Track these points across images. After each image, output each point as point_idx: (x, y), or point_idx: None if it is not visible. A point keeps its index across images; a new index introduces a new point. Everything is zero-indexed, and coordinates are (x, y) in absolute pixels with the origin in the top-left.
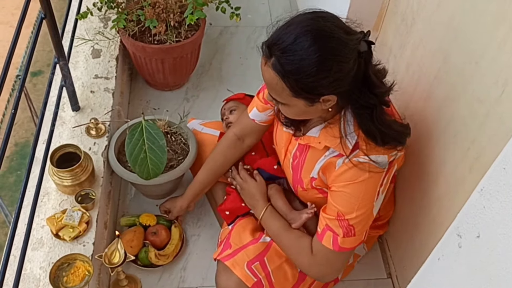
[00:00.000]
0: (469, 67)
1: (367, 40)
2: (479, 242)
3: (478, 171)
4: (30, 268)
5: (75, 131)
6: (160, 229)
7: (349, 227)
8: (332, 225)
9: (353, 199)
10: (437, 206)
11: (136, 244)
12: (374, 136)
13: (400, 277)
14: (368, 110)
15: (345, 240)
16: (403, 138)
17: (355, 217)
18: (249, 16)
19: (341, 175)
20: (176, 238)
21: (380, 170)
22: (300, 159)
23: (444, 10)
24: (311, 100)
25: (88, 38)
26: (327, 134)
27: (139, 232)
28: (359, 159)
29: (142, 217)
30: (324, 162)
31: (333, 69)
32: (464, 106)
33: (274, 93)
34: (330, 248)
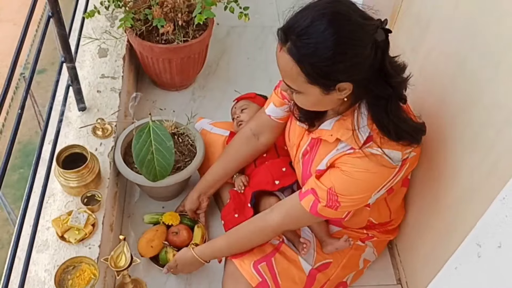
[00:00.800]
0: (487, 71)
1: (385, 28)
2: (500, 253)
3: (495, 178)
4: (35, 271)
5: (82, 131)
6: (182, 229)
7: (336, 202)
8: (320, 192)
9: (354, 186)
10: (449, 212)
11: (156, 244)
12: (387, 129)
13: (410, 283)
14: (383, 101)
15: (325, 209)
16: (418, 135)
17: (347, 200)
18: (257, 16)
19: (352, 159)
20: (198, 239)
21: (392, 166)
22: (311, 154)
23: (462, 12)
24: (326, 87)
25: (95, 37)
26: (340, 126)
27: (161, 231)
28: (372, 150)
29: (165, 216)
30: (334, 156)
31: (349, 53)
32: (482, 111)
33: (289, 80)
34: (307, 210)
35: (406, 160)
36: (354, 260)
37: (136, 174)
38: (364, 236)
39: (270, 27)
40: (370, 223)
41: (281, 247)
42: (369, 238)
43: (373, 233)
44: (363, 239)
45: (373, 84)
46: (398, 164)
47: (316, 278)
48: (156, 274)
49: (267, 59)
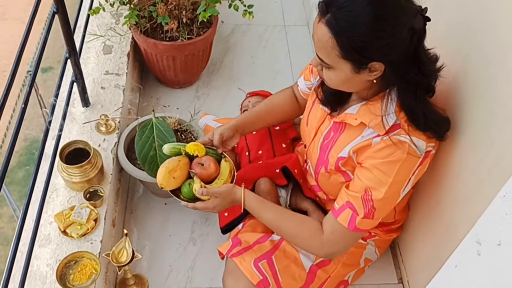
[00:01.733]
0: (490, 68)
1: (424, 15)
2: (500, 250)
3: (497, 175)
4: (37, 265)
5: (85, 127)
6: (209, 161)
7: (372, 209)
8: (355, 203)
9: (385, 177)
10: (452, 211)
11: (179, 175)
12: (417, 117)
13: (411, 282)
14: (413, 87)
15: (363, 222)
16: (442, 129)
17: (382, 199)
18: (261, 15)
19: (378, 152)
20: (226, 174)
21: (417, 155)
22: (332, 139)
23: (464, 10)
24: (358, 65)
25: (99, 34)
26: (366, 111)
27: (184, 162)
28: (400, 138)
29: (189, 146)
30: (359, 143)
31: (387, 31)
32: (484, 108)
33: (322, 53)
34: (345, 226)
35: (428, 154)
36: (355, 258)
37: (139, 170)
38: (366, 234)
39: (274, 26)
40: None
41: (281, 244)
42: (371, 236)
43: (376, 232)
44: (365, 238)
45: (405, 69)
46: (422, 155)
47: (317, 274)
48: (158, 270)
49: (271, 57)
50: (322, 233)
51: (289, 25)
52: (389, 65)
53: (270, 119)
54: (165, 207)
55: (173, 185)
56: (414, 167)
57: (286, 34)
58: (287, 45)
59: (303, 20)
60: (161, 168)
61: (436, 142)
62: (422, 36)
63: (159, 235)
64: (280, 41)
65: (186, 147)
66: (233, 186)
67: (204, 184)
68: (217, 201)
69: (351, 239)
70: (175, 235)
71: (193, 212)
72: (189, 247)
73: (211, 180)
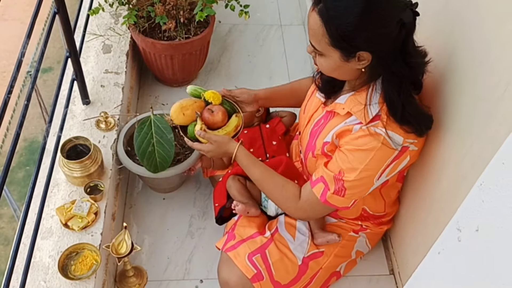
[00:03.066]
0: (474, 65)
1: (413, 10)
2: (478, 236)
3: (479, 168)
4: (39, 256)
5: (85, 124)
6: (219, 110)
7: (342, 188)
8: (328, 179)
9: (357, 163)
10: (439, 204)
11: (189, 114)
12: (395, 108)
13: (402, 274)
14: (397, 79)
15: (333, 197)
16: (422, 124)
17: (352, 180)
18: (258, 14)
19: (355, 140)
20: (231, 127)
21: (392, 147)
22: (321, 125)
23: (451, 9)
24: (347, 53)
25: (99, 33)
26: (353, 101)
27: (198, 104)
28: (376, 130)
29: (208, 92)
30: (341, 128)
31: (374, 23)
32: (468, 104)
33: (314, 40)
34: (317, 197)
35: (406, 150)
36: (347, 250)
37: (138, 165)
38: (358, 227)
39: (271, 25)
40: (365, 213)
41: (274, 238)
42: (362, 229)
43: (367, 225)
44: (356, 231)
45: (392, 60)
46: (398, 149)
47: (309, 266)
48: (156, 262)
49: (268, 56)
50: (298, 198)
51: (286, 25)
52: (376, 55)
53: (292, 100)
54: (164, 202)
55: (181, 121)
56: (388, 159)
57: (283, 33)
58: (283, 45)
59: (299, 20)
60: (176, 103)
61: (417, 138)
62: (411, 29)
63: (157, 229)
64: (277, 40)
65: (205, 92)
66: (229, 139)
67: (206, 128)
68: (211, 147)
69: (321, 209)
70: (173, 229)
71: (191, 207)
72: (186, 240)
73: (215, 128)
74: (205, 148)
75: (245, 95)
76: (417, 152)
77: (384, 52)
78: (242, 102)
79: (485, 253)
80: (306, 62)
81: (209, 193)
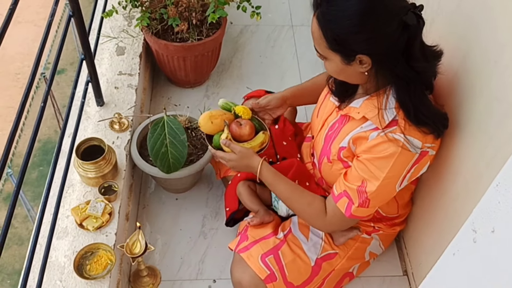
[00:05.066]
0: (488, 66)
1: (416, 13)
2: (494, 237)
3: (494, 168)
4: (55, 256)
5: (100, 125)
6: (248, 125)
7: (366, 200)
8: (351, 193)
9: (379, 172)
10: (454, 204)
11: (217, 123)
12: (408, 110)
13: (416, 275)
14: (405, 83)
15: (358, 210)
16: (438, 123)
17: (375, 191)
18: (269, 15)
19: (373, 147)
20: (257, 142)
21: (412, 152)
22: (336, 130)
23: (464, 10)
24: (346, 57)
25: (113, 36)
26: (368, 105)
27: (227, 116)
28: (395, 136)
29: (239, 107)
30: (358, 133)
31: (369, 26)
32: (483, 104)
33: (316, 44)
34: (343, 212)
35: (426, 155)
36: (360, 252)
37: (151, 166)
38: (370, 229)
39: (282, 26)
40: (378, 215)
41: (287, 239)
42: (375, 231)
43: (380, 226)
44: (369, 232)
45: (393, 64)
46: (417, 153)
47: (322, 267)
48: (170, 262)
49: (279, 57)
50: (325, 214)
51: (297, 25)
52: (375, 58)
53: (318, 94)
54: (176, 202)
55: (209, 129)
56: (408, 163)
57: (294, 34)
58: (295, 45)
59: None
60: (206, 112)
61: (435, 142)
62: (415, 32)
63: (170, 229)
64: (288, 41)
65: (236, 107)
66: (253, 153)
67: (231, 138)
68: (233, 157)
69: (349, 222)
70: (186, 229)
71: (203, 207)
72: (199, 240)
73: (241, 141)
74: (227, 156)
75: (273, 101)
76: (432, 158)
77: (382, 55)
78: (272, 109)
79: (501, 254)
80: (318, 63)
81: (222, 194)
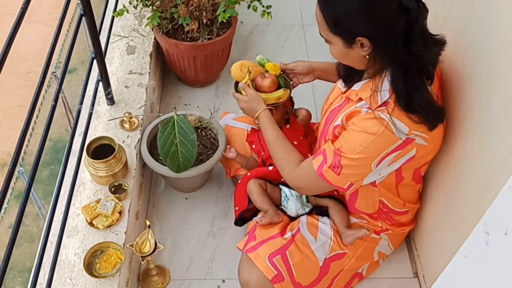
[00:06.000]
0: (501, 65)
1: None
2: (507, 239)
3: (507, 170)
4: (65, 254)
5: (110, 124)
6: (271, 79)
7: (338, 164)
8: (328, 152)
9: (357, 144)
10: (465, 205)
11: (245, 72)
12: (400, 96)
13: (426, 277)
14: (402, 67)
15: (328, 171)
16: (431, 115)
17: (348, 158)
18: (279, 15)
19: (361, 121)
20: (273, 95)
21: (395, 135)
22: (334, 111)
23: (477, 9)
24: (347, 40)
25: (123, 35)
26: (366, 87)
27: (257, 69)
28: (381, 114)
29: (269, 64)
30: (351, 110)
31: (365, 9)
32: (496, 104)
33: (320, 28)
34: (314, 168)
35: (412, 142)
36: (369, 252)
37: (161, 165)
38: (378, 229)
39: (293, 26)
40: (384, 207)
41: (295, 239)
42: (383, 231)
43: (386, 226)
44: (377, 232)
45: (391, 47)
46: (401, 138)
47: (330, 267)
48: (179, 261)
49: (289, 57)
50: (297, 166)
51: (307, 25)
52: (374, 41)
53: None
54: (186, 201)
55: (237, 76)
56: (389, 146)
57: (304, 33)
58: (305, 44)
59: None
60: (239, 61)
61: (427, 132)
62: (417, 17)
63: (180, 228)
64: (298, 40)
65: (267, 63)
66: (261, 100)
67: (250, 85)
68: (244, 98)
69: (316, 182)
70: (196, 229)
71: (213, 207)
72: (209, 240)
73: (260, 92)
74: (240, 97)
75: (300, 66)
76: (430, 149)
77: (382, 38)
78: (299, 73)
79: None
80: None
81: (231, 193)
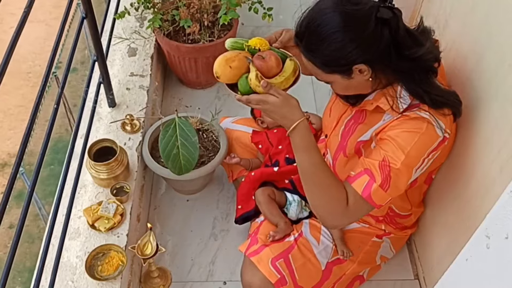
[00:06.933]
0: (502, 69)
1: (387, 6)
2: (508, 244)
3: (508, 172)
4: (67, 256)
5: (111, 126)
6: (271, 55)
7: (388, 177)
8: (373, 168)
9: (404, 145)
10: (467, 208)
11: (237, 65)
12: (422, 98)
13: (427, 279)
14: (405, 73)
15: (378, 190)
16: (456, 100)
17: (398, 168)
18: (280, 17)
19: (397, 125)
20: (288, 71)
21: (437, 132)
22: (352, 126)
23: (478, 13)
24: (344, 73)
25: (125, 37)
26: (381, 96)
27: (244, 55)
28: (421, 113)
29: (253, 39)
30: (381, 126)
31: (348, 39)
32: (497, 108)
33: (314, 74)
34: (359, 192)
35: (445, 141)
36: (371, 256)
37: (163, 167)
38: (381, 232)
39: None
40: (391, 211)
41: (298, 242)
42: (386, 234)
43: (390, 230)
44: (380, 236)
45: (388, 61)
46: (440, 135)
47: (332, 271)
48: (180, 263)
49: None
50: (346, 202)
51: None
52: (369, 62)
53: None
54: (187, 204)
55: (229, 76)
56: (432, 144)
57: None
58: None
59: None
60: (219, 57)
61: (451, 128)
62: (396, 23)
63: (181, 231)
64: None
65: (248, 41)
66: (298, 105)
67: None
68: (275, 100)
69: (363, 209)
70: (197, 231)
71: (214, 209)
72: (210, 242)
73: (270, 76)
74: (269, 99)
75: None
76: (447, 148)
77: (375, 57)
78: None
79: None
80: None
81: (232, 196)
